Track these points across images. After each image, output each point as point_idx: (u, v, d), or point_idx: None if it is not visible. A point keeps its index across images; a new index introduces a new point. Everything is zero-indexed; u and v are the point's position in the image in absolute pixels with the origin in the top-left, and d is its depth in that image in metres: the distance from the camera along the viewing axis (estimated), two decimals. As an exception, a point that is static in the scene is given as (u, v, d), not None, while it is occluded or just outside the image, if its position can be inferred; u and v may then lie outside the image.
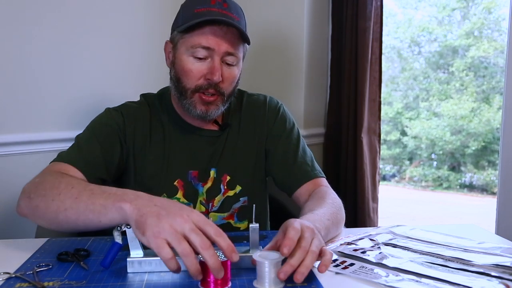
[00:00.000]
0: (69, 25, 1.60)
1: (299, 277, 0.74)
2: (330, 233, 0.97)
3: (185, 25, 1.03)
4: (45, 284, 0.77)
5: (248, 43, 1.10)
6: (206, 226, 0.72)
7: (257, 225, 0.85)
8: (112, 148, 1.09)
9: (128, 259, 0.83)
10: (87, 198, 0.82)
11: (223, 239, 0.72)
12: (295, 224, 0.80)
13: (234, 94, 1.14)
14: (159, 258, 0.82)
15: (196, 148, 1.15)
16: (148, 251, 0.84)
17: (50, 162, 1.04)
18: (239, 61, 1.08)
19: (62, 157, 1.04)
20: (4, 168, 1.48)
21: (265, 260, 0.75)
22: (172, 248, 0.70)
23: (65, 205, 0.85)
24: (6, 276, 0.81)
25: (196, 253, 0.71)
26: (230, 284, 0.76)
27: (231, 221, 1.16)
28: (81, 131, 1.14)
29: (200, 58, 1.04)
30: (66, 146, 1.16)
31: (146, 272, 0.82)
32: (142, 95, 1.21)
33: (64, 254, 0.89)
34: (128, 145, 1.12)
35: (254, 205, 0.88)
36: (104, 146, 1.07)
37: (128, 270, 0.82)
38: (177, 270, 0.71)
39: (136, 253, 0.83)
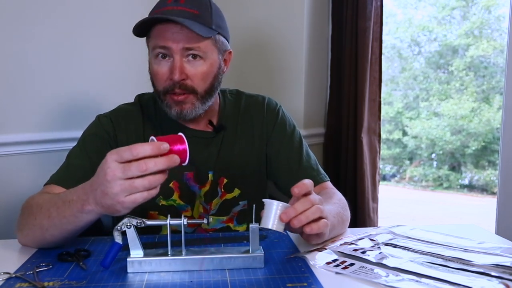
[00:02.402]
0: (69, 25, 1.60)
1: (296, 222, 0.81)
2: (335, 229, 0.97)
3: (135, 25, 1.02)
4: (45, 284, 0.77)
5: (223, 36, 1.07)
6: (124, 156, 0.74)
7: (257, 225, 0.85)
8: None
9: (128, 259, 0.83)
10: (57, 214, 0.86)
11: (142, 150, 0.74)
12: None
13: (216, 91, 1.10)
14: (159, 258, 0.82)
15: (190, 149, 1.12)
16: (148, 251, 0.85)
17: (44, 185, 1.05)
18: (206, 54, 1.03)
19: (52, 178, 1.05)
20: (4, 168, 1.48)
21: (274, 200, 0.82)
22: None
23: (44, 226, 0.88)
24: (6, 276, 0.81)
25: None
26: (182, 135, 0.80)
27: (230, 225, 1.16)
28: (80, 132, 1.14)
29: (163, 59, 1.03)
30: (66, 146, 1.17)
31: (146, 272, 0.82)
32: (137, 96, 1.20)
33: (64, 254, 0.89)
34: None
35: (254, 205, 0.88)
36: (94, 159, 1.06)
37: (128, 270, 0.82)
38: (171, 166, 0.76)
39: (136, 253, 0.83)
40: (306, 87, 2.14)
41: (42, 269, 0.84)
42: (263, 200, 0.85)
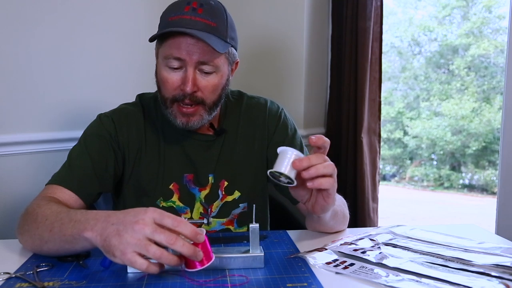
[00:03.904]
0: (69, 25, 1.60)
1: (305, 174, 0.82)
2: (337, 217, 1.01)
3: (154, 35, 1.01)
4: (45, 284, 0.78)
5: (234, 47, 1.06)
6: (164, 220, 0.74)
7: (257, 225, 0.85)
8: (105, 160, 1.07)
9: (128, 259, 0.83)
10: (59, 230, 0.84)
11: (184, 227, 0.74)
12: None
13: (222, 101, 1.10)
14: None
15: (190, 151, 1.13)
16: None
17: (46, 184, 1.04)
18: (218, 68, 1.03)
19: (54, 178, 1.04)
20: (4, 168, 1.48)
21: (289, 148, 0.83)
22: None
23: (44, 238, 0.87)
24: (6, 276, 0.81)
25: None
26: (213, 257, 0.78)
27: (231, 227, 1.15)
28: (80, 132, 1.14)
29: (175, 68, 1.01)
30: (66, 146, 1.16)
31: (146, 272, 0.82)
32: (138, 96, 1.19)
33: (64, 254, 0.89)
34: (123, 152, 1.10)
35: (254, 205, 0.88)
36: (95, 160, 1.06)
37: (128, 270, 0.82)
38: (163, 267, 0.75)
39: None
40: (306, 87, 2.14)
41: (42, 269, 0.84)
42: (278, 148, 0.85)
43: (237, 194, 1.14)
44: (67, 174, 1.05)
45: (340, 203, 1.03)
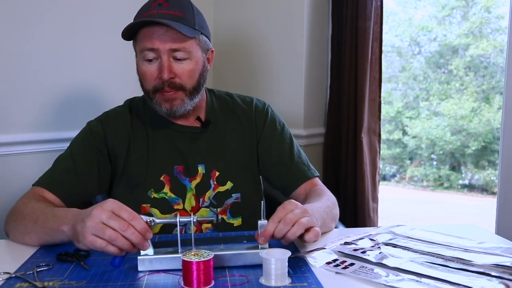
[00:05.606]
0: (70, 26, 1.60)
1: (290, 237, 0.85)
2: (325, 224, 1.03)
3: (124, 28, 1.07)
4: (45, 284, 0.78)
5: (205, 35, 1.12)
6: (121, 212, 0.82)
7: (266, 221, 0.86)
8: (88, 163, 1.13)
9: (139, 257, 0.84)
10: (42, 222, 0.94)
11: (137, 222, 0.81)
12: (288, 204, 0.88)
13: (203, 88, 1.15)
14: (170, 255, 0.84)
15: (179, 144, 1.17)
16: (157, 249, 0.86)
17: (32, 185, 1.10)
18: (191, 54, 1.09)
19: (39, 181, 1.10)
20: (4, 168, 1.48)
21: (272, 257, 0.77)
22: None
23: (28, 229, 0.96)
24: (6, 276, 0.81)
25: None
26: (213, 283, 0.77)
27: (224, 217, 1.18)
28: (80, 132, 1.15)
29: (150, 60, 1.08)
30: (65, 146, 1.17)
31: (146, 271, 0.83)
32: (128, 100, 1.25)
33: (64, 254, 0.89)
34: (113, 149, 1.15)
35: (262, 202, 0.89)
36: (78, 162, 1.12)
37: (139, 269, 0.83)
38: (122, 251, 0.81)
39: (146, 251, 0.83)
40: (306, 87, 2.14)
41: (42, 269, 0.84)
42: (260, 254, 0.80)
43: (229, 184, 1.18)
44: (50, 177, 1.11)
45: (328, 209, 1.06)
